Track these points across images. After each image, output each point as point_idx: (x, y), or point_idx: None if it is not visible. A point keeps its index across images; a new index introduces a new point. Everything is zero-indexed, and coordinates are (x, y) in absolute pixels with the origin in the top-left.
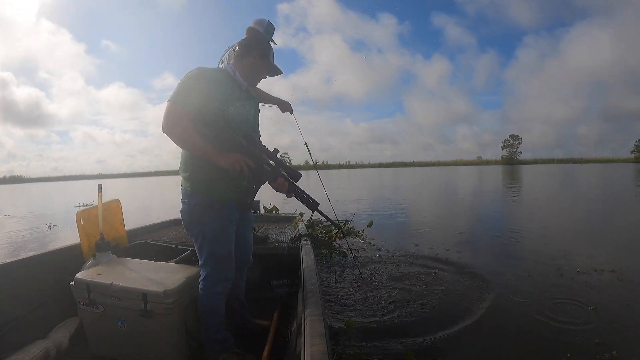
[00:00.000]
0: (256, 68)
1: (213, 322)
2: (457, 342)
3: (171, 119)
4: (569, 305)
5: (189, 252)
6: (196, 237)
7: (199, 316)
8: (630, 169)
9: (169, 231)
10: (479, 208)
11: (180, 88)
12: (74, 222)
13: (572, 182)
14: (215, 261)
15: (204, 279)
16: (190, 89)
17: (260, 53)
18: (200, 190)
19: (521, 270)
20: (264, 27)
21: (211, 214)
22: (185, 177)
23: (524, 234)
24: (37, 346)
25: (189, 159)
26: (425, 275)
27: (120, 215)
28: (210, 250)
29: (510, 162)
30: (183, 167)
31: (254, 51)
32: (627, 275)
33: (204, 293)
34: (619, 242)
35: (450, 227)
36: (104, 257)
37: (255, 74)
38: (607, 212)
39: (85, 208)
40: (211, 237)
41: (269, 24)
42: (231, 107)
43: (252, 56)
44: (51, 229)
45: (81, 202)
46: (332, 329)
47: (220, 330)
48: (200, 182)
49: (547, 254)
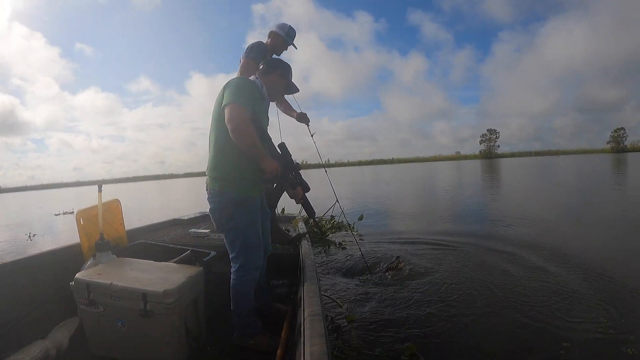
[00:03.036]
0: (277, 85)
1: (245, 308)
2: (459, 333)
3: (241, 119)
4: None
5: (189, 252)
6: (228, 232)
7: (232, 303)
8: (607, 159)
9: (169, 231)
10: (466, 199)
11: (241, 92)
12: (54, 230)
13: (547, 174)
14: (247, 252)
15: (236, 270)
16: (249, 95)
17: (282, 72)
18: (232, 189)
19: (519, 258)
20: (285, 32)
21: (242, 210)
22: (214, 178)
23: (519, 222)
24: (37, 346)
25: (220, 161)
26: (425, 267)
27: (120, 215)
28: (243, 242)
29: (488, 156)
30: (213, 169)
31: (277, 70)
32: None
33: (238, 282)
34: (600, 225)
35: (439, 218)
36: (104, 257)
37: (275, 90)
38: (585, 201)
39: (85, 208)
40: (243, 231)
41: (290, 29)
42: (262, 116)
43: (275, 74)
44: (31, 238)
45: (61, 210)
46: (334, 324)
47: (251, 315)
48: (232, 181)
49: (538, 241)
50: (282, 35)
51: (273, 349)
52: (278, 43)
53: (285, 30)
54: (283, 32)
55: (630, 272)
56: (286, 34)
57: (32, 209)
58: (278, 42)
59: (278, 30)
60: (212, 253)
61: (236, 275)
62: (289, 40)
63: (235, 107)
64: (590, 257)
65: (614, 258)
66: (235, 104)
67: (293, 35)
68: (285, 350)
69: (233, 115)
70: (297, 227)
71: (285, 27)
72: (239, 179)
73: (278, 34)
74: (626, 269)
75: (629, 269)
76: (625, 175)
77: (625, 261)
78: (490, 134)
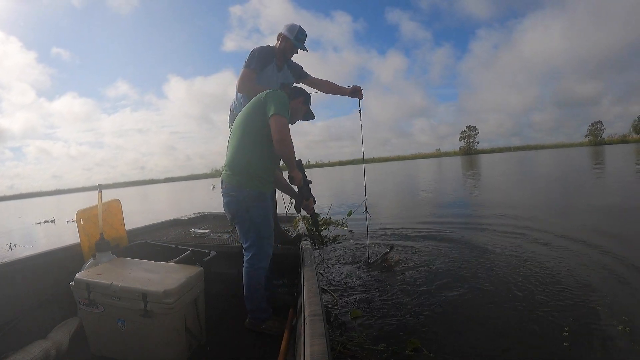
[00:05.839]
0: (298, 110)
1: (258, 294)
2: (461, 325)
3: (287, 132)
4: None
5: (189, 252)
6: (243, 223)
7: (245, 290)
8: (585, 153)
9: (169, 231)
10: (450, 193)
11: (285, 106)
12: (35, 239)
13: (528, 168)
14: (261, 241)
15: (249, 258)
16: (287, 107)
17: (303, 99)
18: (249, 185)
19: (514, 244)
20: (294, 35)
21: (258, 204)
22: (233, 173)
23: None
24: (37, 346)
25: (241, 159)
26: (422, 259)
27: (121, 215)
28: (257, 233)
29: (468, 153)
30: (233, 165)
31: (300, 97)
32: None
33: (251, 269)
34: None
35: (427, 210)
36: (104, 257)
37: (295, 115)
38: (566, 191)
39: (86, 208)
40: (258, 222)
41: (299, 31)
42: None
43: (298, 100)
44: (12, 248)
45: (41, 218)
46: (338, 320)
47: (263, 301)
48: (249, 178)
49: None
50: (290, 38)
51: (283, 333)
52: (287, 46)
53: (294, 34)
54: (292, 35)
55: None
56: (295, 37)
57: (12, 219)
58: (287, 45)
59: (287, 33)
60: (212, 253)
61: (249, 263)
62: (297, 44)
63: (283, 120)
64: (584, 240)
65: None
66: (284, 118)
67: (303, 38)
68: (285, 350)
69: (281, 127)
70: (297, 227)
71: (294, 30)
72: (255, 176)
73: (287, 37)
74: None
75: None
76: (604, 166)
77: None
78: (470, 131)
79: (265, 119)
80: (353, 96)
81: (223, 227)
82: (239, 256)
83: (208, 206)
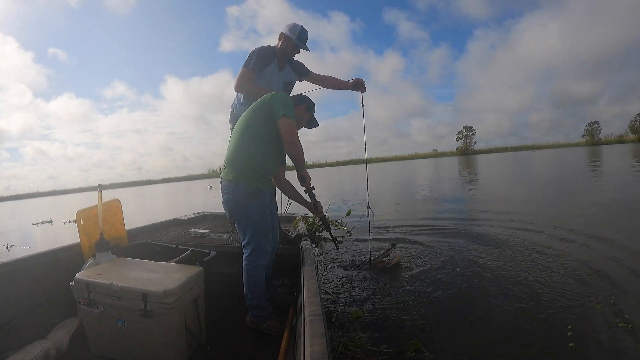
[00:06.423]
0: (302, 118)
1: (258, 292)
2: (463, 325)
3: (296, 133)
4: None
5: (189, 252)
6: (240, 220)
7: (245, 287)
8: (582, 153)
9: (169, 231)
10: (448, 191)
11: (289, 107)
12: (32, 240)
13: (525, 168)
14: (258, 237)
15: (248, 255)
16: (293, 109)
17: (306, 106)
18: (245, 182)
19: (514, 242)
20: (295, 34)
21: (254, 200)
22: (229, 171)
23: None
24: (37, 346)
25: (237, 157)
26: (423, 258)
27: (121, 215)
28: (254, 229)
29: (465, 153)
30: (230, 163)
31: (304, 104)
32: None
33: (250, 267)
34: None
35: (424, 208)
36: (104, 257)
37: (298, 121)
38: (565, 190)
39: (86, 208)
40: (255, 219)
41: (301, 31)
42: None
43: (301, 107)
44: (9, 249)
45: (38, 219)
46: (340, 321)
47: (263, 299)
48: (245, 175)
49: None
50: (292, 38)
51: (283, 333)
52: (289, 46)
53: (296, 33)
54: (294, 35)
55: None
56: (297, 37)
57: (9, 220)
58: (289, 45)
59: (288, 33)
60: (212, 253)
61: (248, 260)
62: (300, 44)
63: (292, 123)
64: (584, 241)
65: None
66: (292, 120)
67: (305, 38)
68: (285, 350)
69: (291, 129)
70: (297, 227)
71: (296, 30)
72: (252, 173)
73: (288, 36)
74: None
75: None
76: (600, 166)
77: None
78: (467, 131)
79: (267, 120)
80: (356, 89)
81: (223, 227)
82: (239, 256)
83: (206, 206)
